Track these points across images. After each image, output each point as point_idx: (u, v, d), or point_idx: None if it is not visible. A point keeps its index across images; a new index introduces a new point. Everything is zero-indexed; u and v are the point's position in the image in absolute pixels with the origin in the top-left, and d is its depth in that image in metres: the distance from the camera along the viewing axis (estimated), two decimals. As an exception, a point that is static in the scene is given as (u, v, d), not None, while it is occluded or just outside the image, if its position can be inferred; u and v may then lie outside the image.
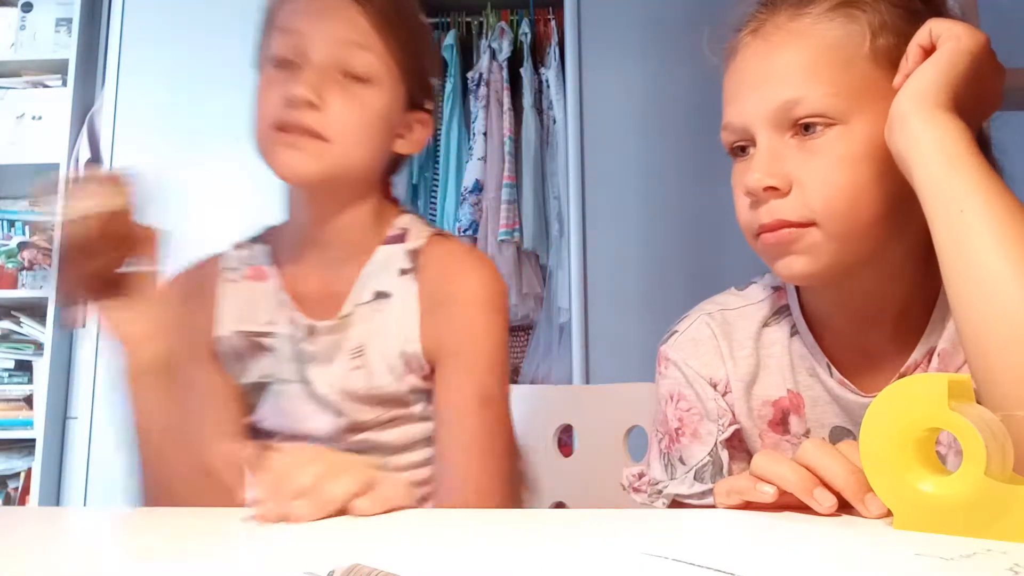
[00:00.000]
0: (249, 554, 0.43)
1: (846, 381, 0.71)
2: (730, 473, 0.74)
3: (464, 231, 2.24)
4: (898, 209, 0.67)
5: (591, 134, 2.18)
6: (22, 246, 2.60)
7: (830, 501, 0.52)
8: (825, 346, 0.73)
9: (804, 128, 0.65)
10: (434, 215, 2.35)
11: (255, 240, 0.91)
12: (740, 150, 0.70)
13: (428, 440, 0.83)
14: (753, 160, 0.67)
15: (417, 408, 0.83)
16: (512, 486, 0.84)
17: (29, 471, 2.41)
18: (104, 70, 2.44)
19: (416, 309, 0.82)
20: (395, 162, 0.89)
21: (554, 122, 2.30)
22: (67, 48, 2.52)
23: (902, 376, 0.70)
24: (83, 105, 2.50)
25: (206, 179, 2.15)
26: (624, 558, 0.42)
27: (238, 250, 0.90)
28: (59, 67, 2.54)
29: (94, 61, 2.59)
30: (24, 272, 2.57)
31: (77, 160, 2.43)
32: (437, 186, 2.37)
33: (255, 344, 0.84)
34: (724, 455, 0.74)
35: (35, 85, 2.61)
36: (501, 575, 0.40)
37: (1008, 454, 0.47)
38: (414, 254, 0.84)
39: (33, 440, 2.36)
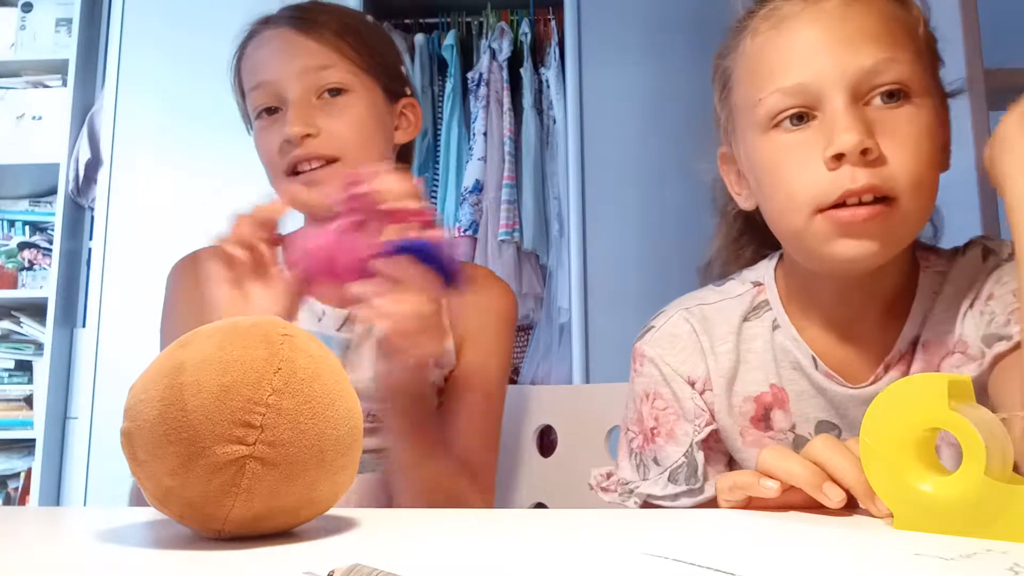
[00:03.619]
0: (249, 554, 0.43)
1: (832, 373, 0.71)
2: (705, 476, 0.73)
3: (464, 231, 2.24)
4: None
5: (591, 134, 2.18)
6: (22, 246, 2.60)
7: (840, 496, 0.52)
8: (807, 339, 0.72)
9: (887, 96, 0.63)
10: (434, 215, 2.34)
11: None
12: (793, 120, 0.66)
13: None
14: (839, 121, 0.62)
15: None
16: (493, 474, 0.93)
17: (29, 471, 2.41)
18: (104, 70, 2.44)
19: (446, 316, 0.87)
20: (406, 152, 0.97)
21: (554, 122, 2.30)
22: (67, 48, 2.52)
23: (887, 366, 0.70)
24: (83, 105, 2.50)
25: (206, 179, 2.16)
26: (624, 558, 0.42)
27: None
28: (59, 67, 2.54)
29: (94, 61, 2.59)
30: (24, 272, 2.57)
31: (77, 160, 2.43)
32: (437, 186, 2.37)
33: None
34: (699, 456, 0.73)
35: (35, 85, 2.61)
36: (500, 575, 0.40)
37: (1008, 454, 0.47)
38: None
39: (33, 440, 2.36)
